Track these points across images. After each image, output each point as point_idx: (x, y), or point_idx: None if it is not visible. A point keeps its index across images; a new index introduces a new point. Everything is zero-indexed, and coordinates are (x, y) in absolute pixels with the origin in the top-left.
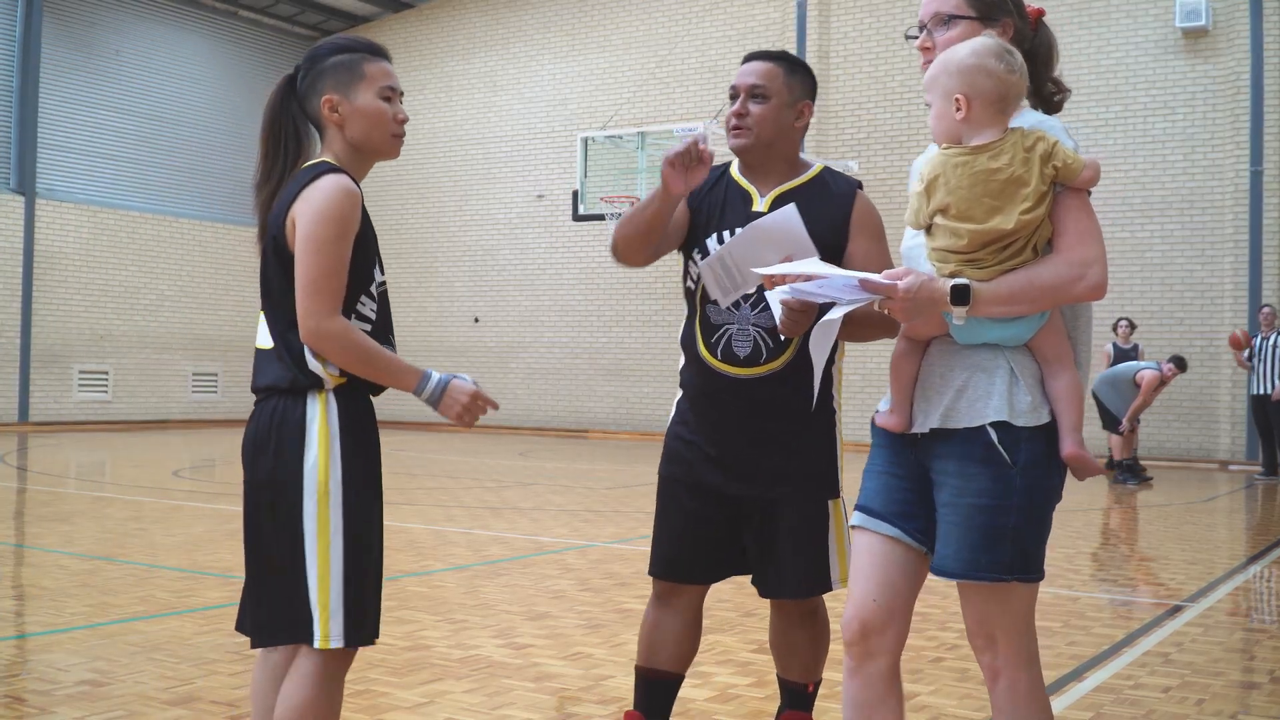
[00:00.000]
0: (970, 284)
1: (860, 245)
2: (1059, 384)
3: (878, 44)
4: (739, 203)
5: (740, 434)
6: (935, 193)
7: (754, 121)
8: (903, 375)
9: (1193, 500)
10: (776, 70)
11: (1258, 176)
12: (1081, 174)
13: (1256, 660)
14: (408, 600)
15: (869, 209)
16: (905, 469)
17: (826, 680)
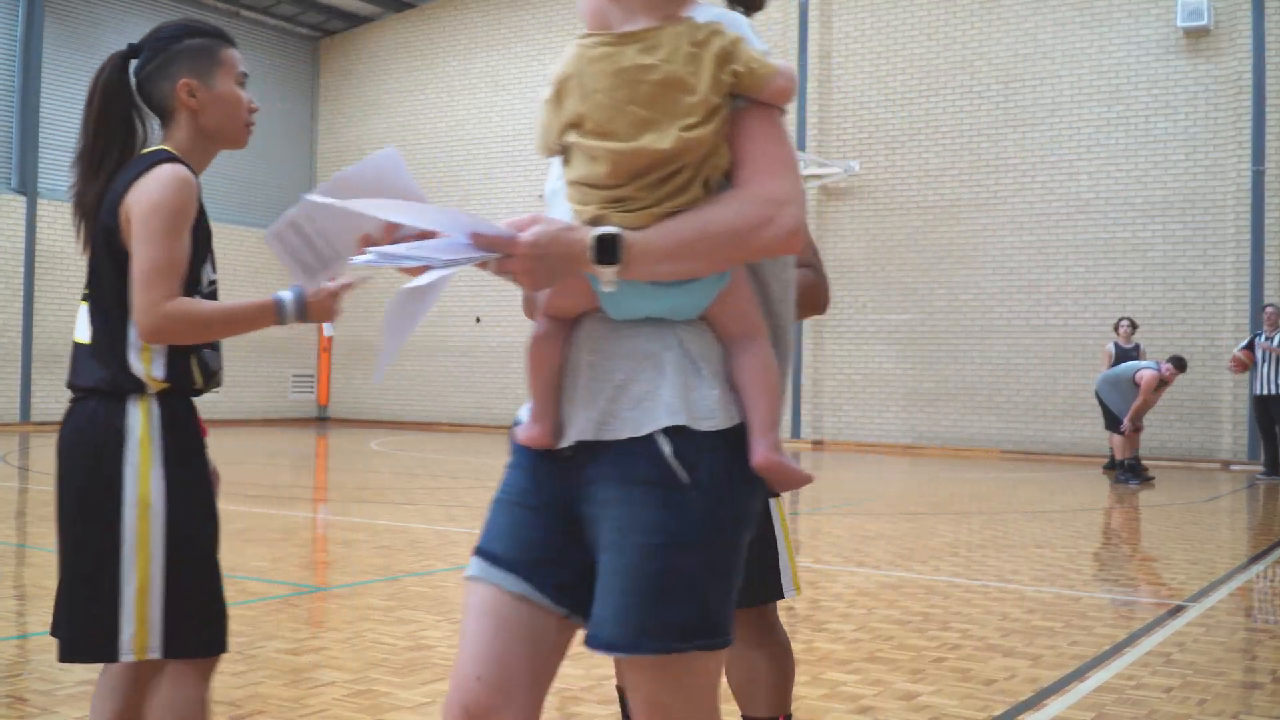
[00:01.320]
0: (620, 233)
1: None
2: (747, 368)
3: (879, 44)
4: None
5: None
6: (567, 99)
7: None
8: (542, 369)
9: (1194, 500)
10: None
11: (1259, 176)
12: (771, 83)
13: (1258, 660)
14: (409, 600)
15: None
16: (546, 498)
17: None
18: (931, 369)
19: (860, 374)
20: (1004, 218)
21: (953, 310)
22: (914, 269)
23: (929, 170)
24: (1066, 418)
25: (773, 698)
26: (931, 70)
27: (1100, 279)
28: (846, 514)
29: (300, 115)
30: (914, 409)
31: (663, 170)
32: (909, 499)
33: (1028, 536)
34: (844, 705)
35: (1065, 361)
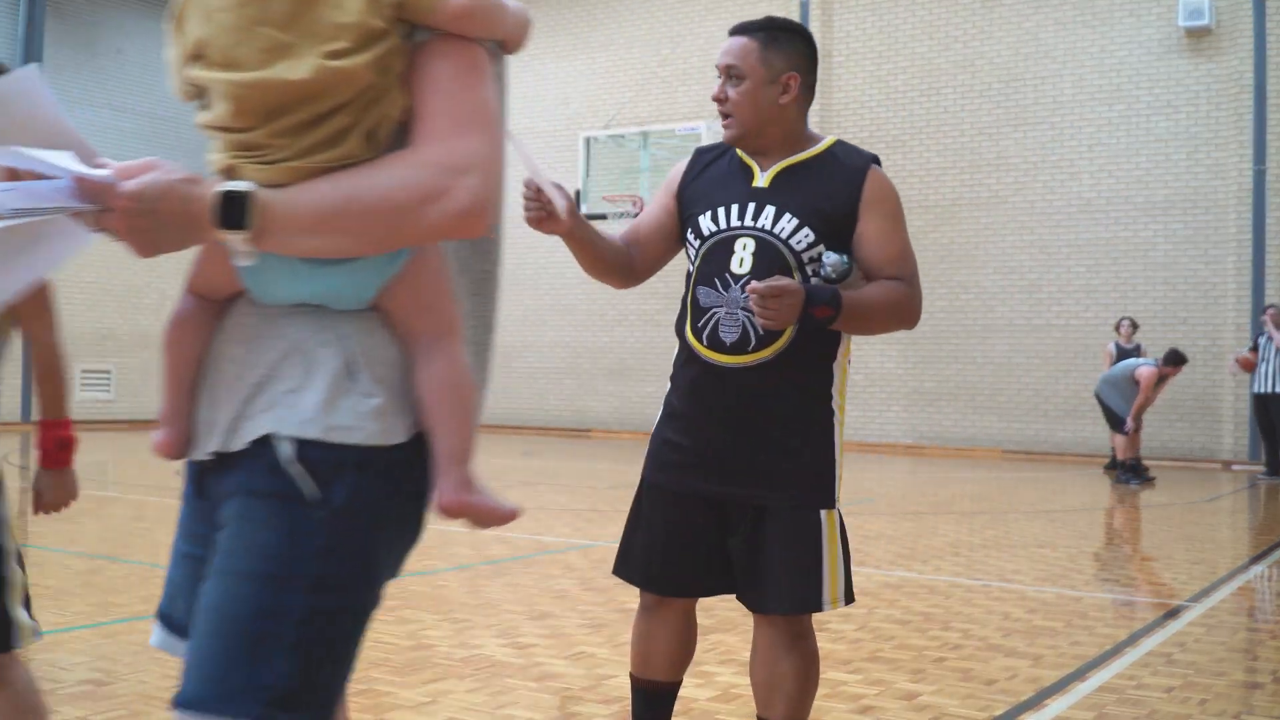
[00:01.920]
0: (251, 190)
1: (872, 225)
2: (431, 379)
3: (880, 43)
4: (739, 176)
5: (726, 428)
6: (188, 23)
7: (733, 108)
8: (177, 361)
9: (1195, 500)
10: (750, 45)
11: (1261, 176)
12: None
13: (1259, 660)
14: (410, 599)
15: (883, 184)
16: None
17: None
18: (933, 369)
19: (861, 374)
20: (1005, 217)
21: (954, 310)
22: None
23: (930, 170)
24: (1068, 417)
25: (792, 706)
26: (932, 70)
27: (1101, 279)
28: (847, 514)
29: None
30: (915, 409)
31: (304, 111)
32: (910, 499)
33: (1029, 536)
34: (845, 705)
35: (1067, 361)
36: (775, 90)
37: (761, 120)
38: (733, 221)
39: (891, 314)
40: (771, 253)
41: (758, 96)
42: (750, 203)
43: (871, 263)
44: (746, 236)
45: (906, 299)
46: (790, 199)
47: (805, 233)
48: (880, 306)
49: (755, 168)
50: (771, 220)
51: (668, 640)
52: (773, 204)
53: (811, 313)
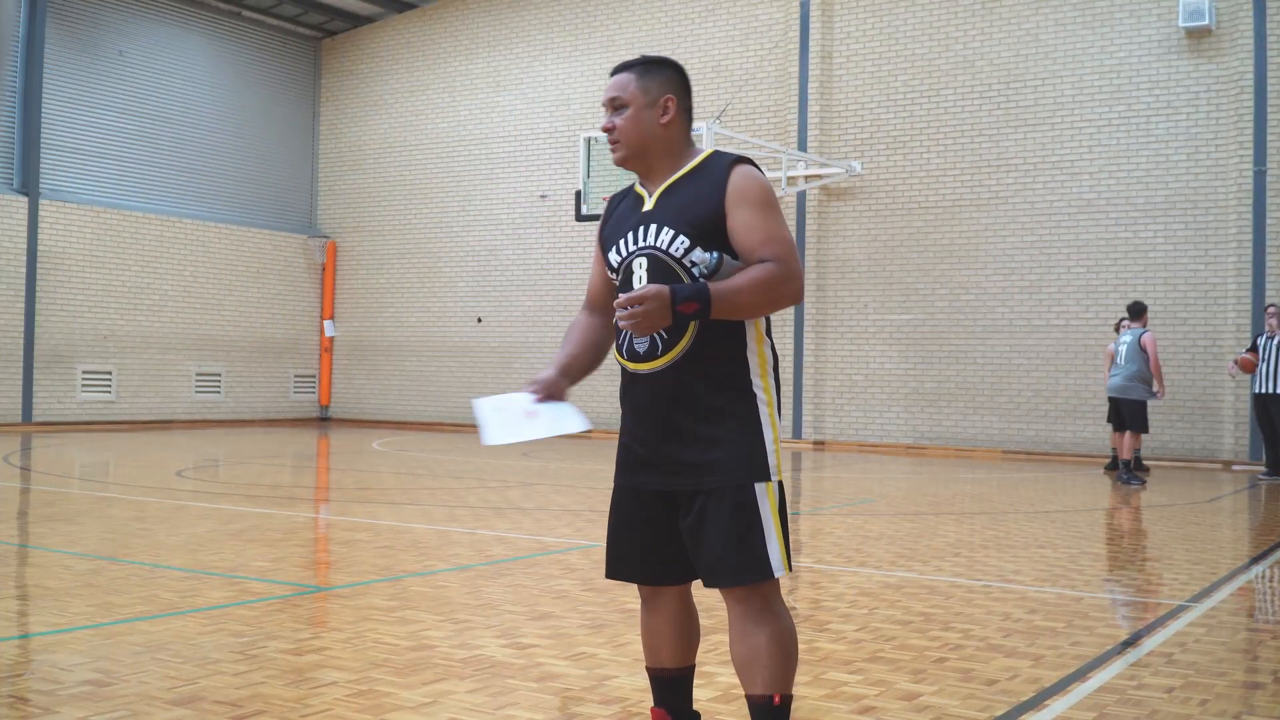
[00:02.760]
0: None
1: (738, 218)
2: None
3: (881, 44)
4: (634, 208)
5: (657, 429)
6: None
7: (620, 134)
8: None
9: (1196, 500)
10: (628, 77)
11: (1261, 176)
12: None
13: (1260, 660)
14: (411, 600)
15: (745, 180)
16: None
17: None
18: (933, 369)
19: (861, 374)
20: (1005, 218)
21: (954, 310)
22: (915, 269)
23: (930, 170)
24: (1068, 418)
25: (772, 676)
26: (933, 70)
27: (1102, 279)
28: (848, 514)
29: (302, 116)
30: (915, 409)
31: None
32: (910, 499)
33: (1029, 536)
34: (846, 705)
35: (1067, 362)
36: (655, 113)
37: (646, 141)
38: (629, 247)
39: (764, 293)
40: (660, 265)
41: (640, 119)
42: (640, 226)
43: (743, 251)
44: (641, 256)
45: (778, 278)
46: (667, 213)
47: (680, 240)
48: (750, 288)
49: (645, 195)
50: (654, 236)
51: (667, 629)
52: (655, 221)
53: (680, 310)
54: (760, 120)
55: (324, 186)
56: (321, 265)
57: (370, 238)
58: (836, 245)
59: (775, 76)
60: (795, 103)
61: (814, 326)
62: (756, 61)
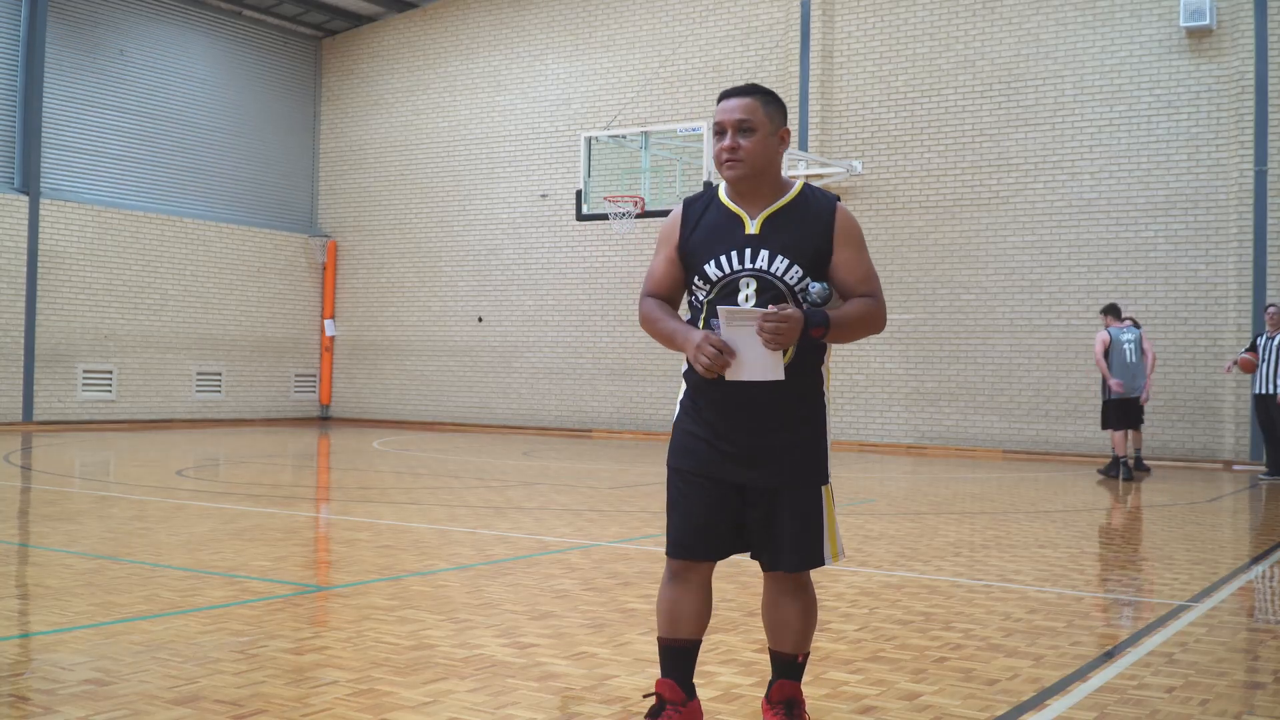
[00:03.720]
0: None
1: (843, 255)
2: None
3: (881, 43)
4: (731, 226)
5: (745, 430)
6: None
7: (745, 154)
8: None
9: (1197, 500)
10: (756, 104)
11: (1262, 176)
12: None
13: (1261, 660)
14: (412, 600)
15: (849, 221)
16: None
17: (821, 674)
18: (934, 369)
19: (862, 374)
20: (1006, 217)
21: (955, 310)
22: (916, 268)
23: (931, 170)
24: (1069, 417)
25: (799, 640)
26: (934, 70)
27: (1102, 279)
28: (849, 514)
29: (302, 115)
30: (916, 409)
31: None
32: (911, 499)
33: (1030, 536)
34: (846, 705)
35: (1068, 361)
36: (776, 141)
37: (766, 166)
38: (735, 266)
39: (868, 324)
40: (769, 287)
41: (766, 145)
42: (746, 249)
43: (845, 285)
44: (749, 277)
45: (876, 311)
46: (778, 242)
47: (795, 269)
48: (858, 320)
49: (744, 216)
50: (767, 262)
51: (694, 603)
52: (765, 248)
53: (810, 333)
54: None
55: (325, 186)
56: (322, 265)
57: (371, 237)
58: None
59: (776, 76)
60: (796, 102)
61: None
62: (757, 61)
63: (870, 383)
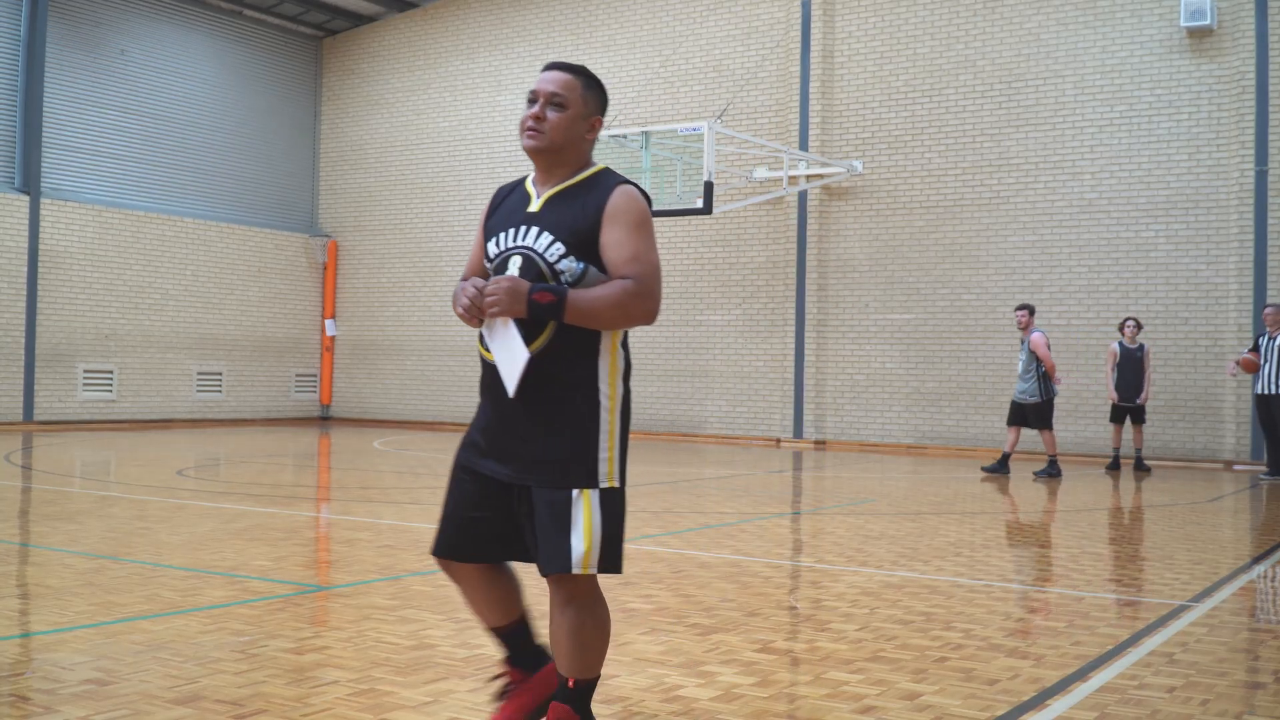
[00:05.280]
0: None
1: (610, 235)
2: None
3: (882, 43)
4: (520, 205)
5: (500, 420)
6: None
7: (549, 127)
8: None
9: (1197, 500)
10: (576, 83)
11: (1263, 176)
12: None
13: (1261, 660)
14: (412, 599)
15: (624, 201)
16: None
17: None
18: (934, 369)
19: (863, 374)
20: (1007, 217)
21: (955, 310)
22: (917, 269)
23: (932, 170)
24: (1069, 417)
25: (569, 661)
26: (934, 70)
27: (1103, 279)
28: (849, 514)
29: (303, 115)
30: (917, 409)
31: None
32: (911, 499)
33: (1030, 536)
34: (847, 705)
35: (1068, 361)
36: (585, 125)
37: (566, 144)
38: (508, 243)
39: (619, 307)
40: (532, 266)
41: (572, 125)
42: (523, 225)
43: (610, 266)
44: (517, 254)
45: (634, 293)
46: (551, 219)
47: (557, 246)
48: (605, 300)
49: (533, 195)
50: (534, 238)
51: (483, 595)
52: (538, 225)
53: (535, 299)
54: (761, 120)
55: (325, 185)
56: (323, 264)
57: (372, 237)
58: (837, 245)
59: (776, 76)
60: (796, 102)
61: (815, 326)
62: (758, 61)
63: (870, 382)
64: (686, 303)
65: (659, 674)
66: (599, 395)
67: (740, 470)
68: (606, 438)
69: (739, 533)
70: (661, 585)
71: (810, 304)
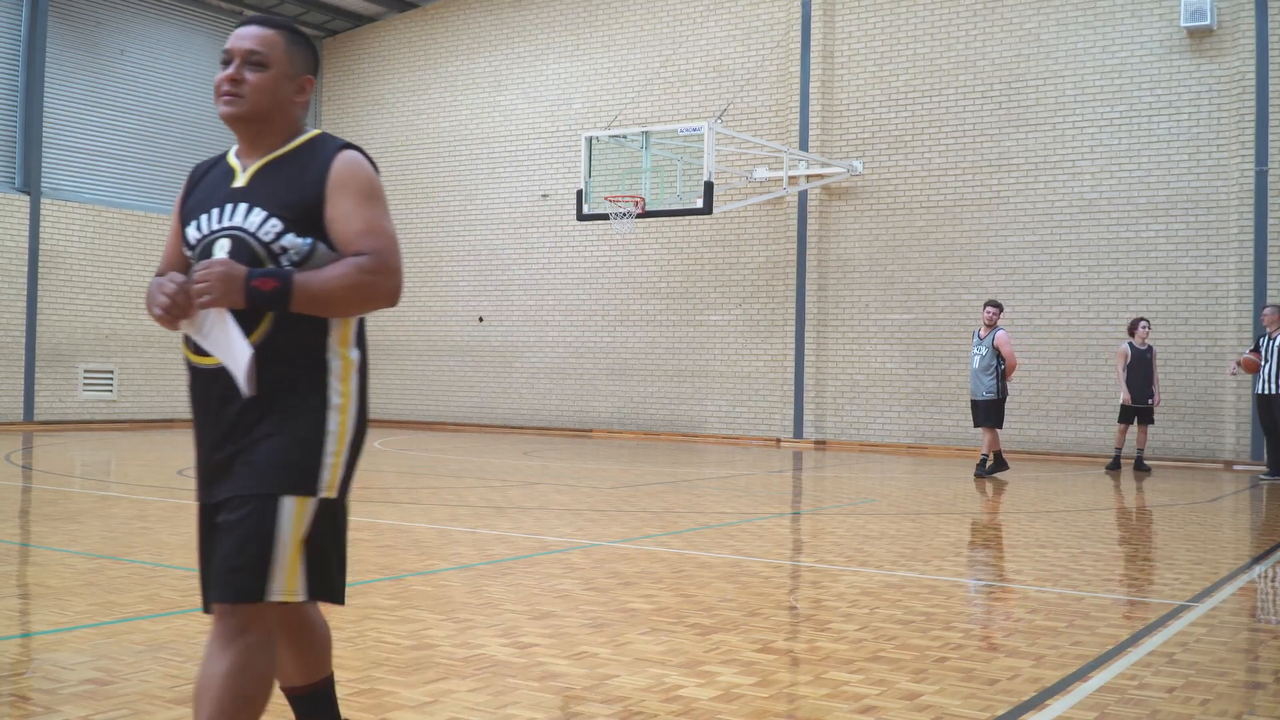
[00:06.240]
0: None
1: (337, 207)
2: None
3: (882, 43)
4: (223, 182)
5: (207, 431)
6: None
7: (248, 90)
8: None
9: (1198, 500)
10: (278, 39)
11: (1263, 176)
12: None
13: (1261, 660)
14: (412, 599)
15: (349, 168)
16: None
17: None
18: (934, 369)
19: (863, 374)
20: (1007, 217)
21: (955, 310)
22: (917, 269)
23: (932, 170)
24: (1069, 418)
25: (217, 712)
26: (934, 70)
27: (1103, 279)
28: (849, 514)
29: None
30: (917, 409)
31: None
32: (911, 499)
33: (1030, 536)
34: (847, 705)
35: (1068, 361)
36: (293, 87)
37: (272, 109)
38: (213, 225)
39: (354, 288)
40: (244, 248)
41: (278, 86)
42: (228, 203)
43: (340, 242)
44: (224, 237)
45: (369, 273)
46: (262, 194)
47: (273, 223)
48: (337, 282)
49: (238, 169)
50: (243, 216)
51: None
52: (246, 201)
53: (254, 286)
54: (762, 120)
55: None
56: None
57: None
58: (838, 245)
59: (776, 76)
60: (797, 102)
61: (815, 326)
62: (758, 61)
63: (870, 382)
64: (686, 303)
65: (659, 674)
66: (327, 393)
67: (740, 470)
68: (334, 442)
69: (739, 533)
70: (661, 585)
71: (810, 304)
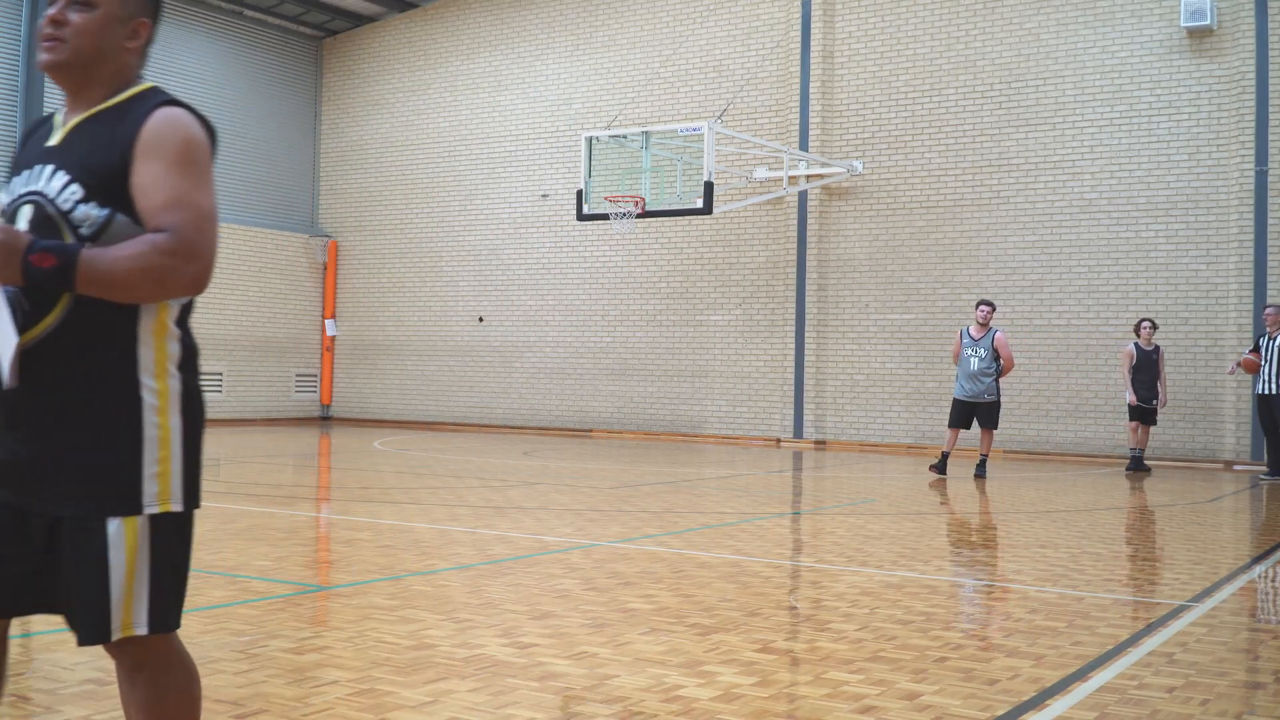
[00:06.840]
0: None
1: (144, 173)
2: None
3: (882, 44)
4: (41, 141)
5: (14, 426)
6: None
7: (71, 33)
8: None
9: (1198, 500)
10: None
11: (1263, 176)
12: None
13: (1261, 660)
14: (412, 599)
15: (166, 128)
16: None
17: None
18: (934, 369)
19: (863, 374)
20: (1007, 217)
21: (955, 310)
22: (917, 269)
23: (932, 170)
24: (1069, 418)
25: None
26: (934, 70)
27: (1103, 279)
28: (849, 514)
29: (304, 115)
30: (917, 409)
31: None
32: (911, 499)
33: (1030, 536)
34: (847, 705)
35: (1068, 362)
36: (125, 31)
37: (97, 56)
38: (20, 190)
39: (145, 272)
40: (45, 219)
41: (106, 30)
42: (38, 164)
43: (143, 215)
44: (27, 203)
45: (166, 254)
46: (69, 155)
47: (73, 189)
48: (128, 261)
49: (58, 125)
50: (46, 180)
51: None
52: (53, 163)
53: (32, 262)
54: (762, 120)
55: (325, 186)
56: (323, 264)
57: (372, 237)
58: (838, 245)
59: (776, 76)
60: (797, 102)
61: (815, 326)
62: (758, 61)
63: (870, 382)
64: (686, 303)
65: (659, 674)
66: (139, 390)
67: (740, 470)
68: (156, 447)
69: (739, 533)
70: (661, 585)
71: (810, 304)
